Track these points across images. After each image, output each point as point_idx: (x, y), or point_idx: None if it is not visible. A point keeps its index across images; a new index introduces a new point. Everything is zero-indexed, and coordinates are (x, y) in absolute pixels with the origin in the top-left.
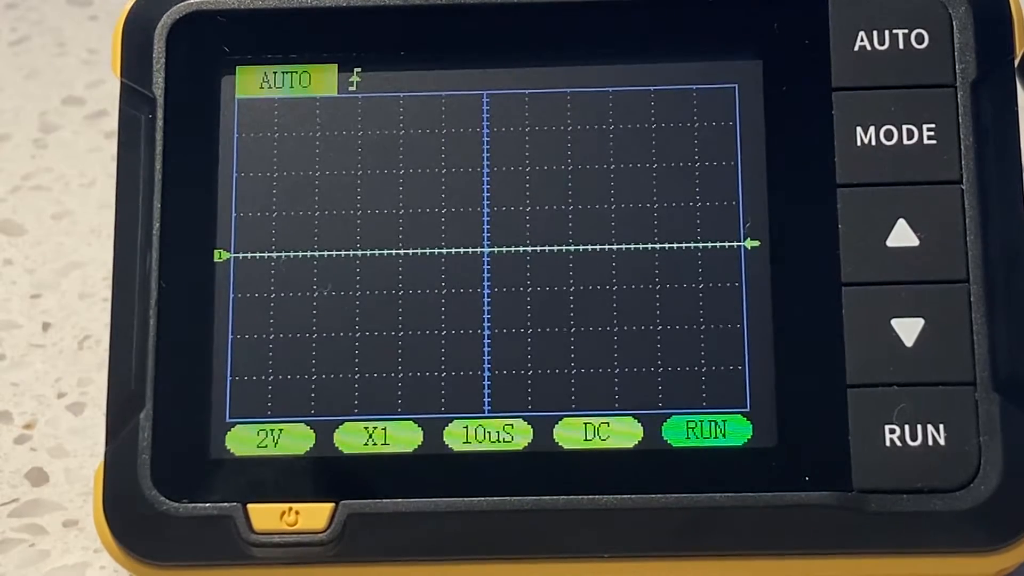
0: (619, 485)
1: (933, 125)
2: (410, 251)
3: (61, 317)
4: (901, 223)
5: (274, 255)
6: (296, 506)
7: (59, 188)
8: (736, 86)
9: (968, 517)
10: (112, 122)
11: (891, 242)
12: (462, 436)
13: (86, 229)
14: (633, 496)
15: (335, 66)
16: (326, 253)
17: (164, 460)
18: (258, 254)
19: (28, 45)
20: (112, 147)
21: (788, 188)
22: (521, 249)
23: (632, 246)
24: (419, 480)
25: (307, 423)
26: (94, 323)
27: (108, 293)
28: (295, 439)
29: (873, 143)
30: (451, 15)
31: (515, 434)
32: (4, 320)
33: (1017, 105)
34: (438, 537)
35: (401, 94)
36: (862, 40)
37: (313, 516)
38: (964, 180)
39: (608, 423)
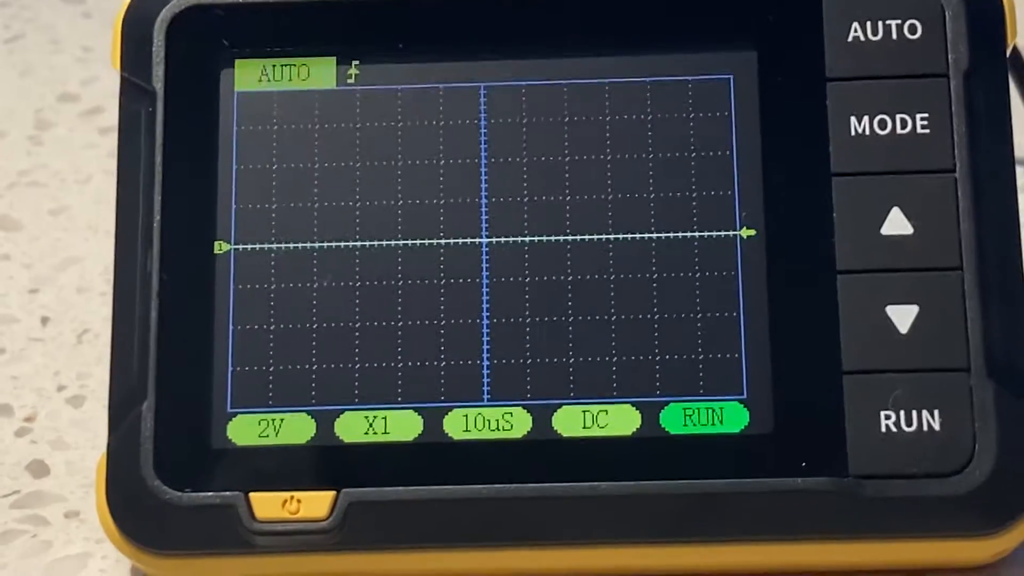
0: (617, 472)
1: (926, 114)
2: (409, 242)
3: (59, 311)
4: (895, 211)
5: (274, 246)
6: (298, 495)
7: (55, 184)
8: (731, 77)
9: (963, 502)
10: (107, 119)
11: (885, 230)
12: (462, 424)
13: (83, 224)
14: (631, 483)
15: (333, 59)
16: (326, 244)
17: (166, 450)
18: (258, 245)
19: (22, 43)
20: (107, 143)
21: (783, 177)
22: (519, 239)
23: (629, 236)
24: (419, 468)
25: (308, 412)
26: (92, 317)
27: (105, 288)
28: (296, 428)
29: (867, 132)
30: (448, 7)
31: (514, 422)
32: (3, 314)
33: (1009, 94)
34: (438, 524)
35: (399, 86)
36: (856, 31)
37: (315, 504)
38: (957, 168)
39: (606, 411)
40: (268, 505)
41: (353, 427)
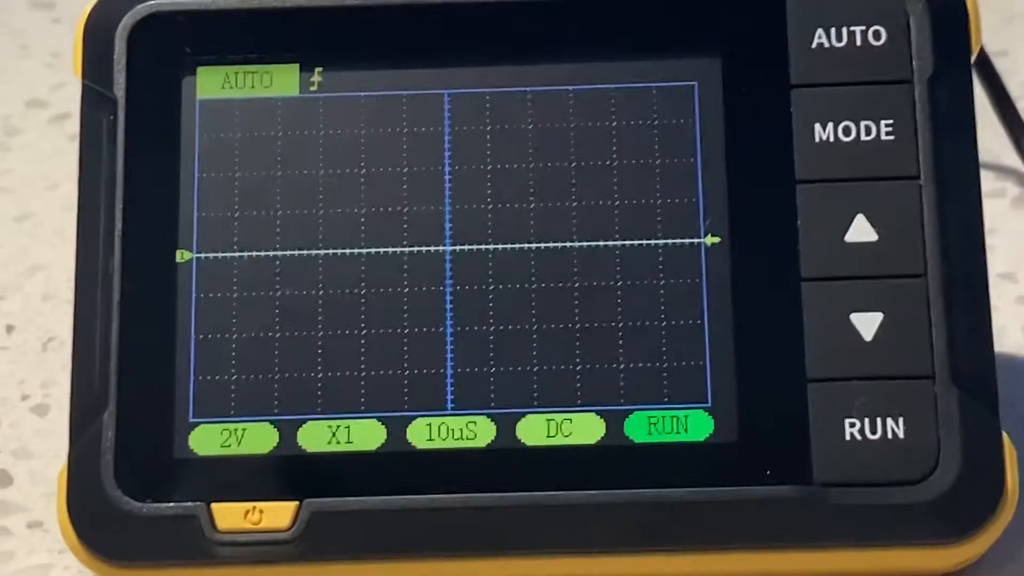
0: (581, 481)
1: (891, 121)
2: (372, 250)
3: (25, 319)
4: (860, 218)
5: (236, 255)
6: (260, 505)
7: (23, 190)
8: (695, 84)
9: (928, 510)
10: (76, 125)
11: (850, 237)
12: (425, 434)
13: (49, 231)
14: (595, 492)
15: (296, 66)
16: (288, 253)
17: (128, 460)
18: (220, 254)
19: None
20: (76, 150)
21: (748, 185)
22: (483, 247)
23: (593, 243)
24: (383, 478)
25: (271, 422)
26: (58, 325)
27: (72, 296)
28: (259, 438)
29: (831, 139)
30: (412, 14)
31: (478, 431)
32: None
33: (974, 101)
34: (402, 534)
35: (362, 94)
36: (820, 37)
37: (277, 515)
38: (921, 176)
39: (570, 419)
40: (230, 515)
41: (316, 436)
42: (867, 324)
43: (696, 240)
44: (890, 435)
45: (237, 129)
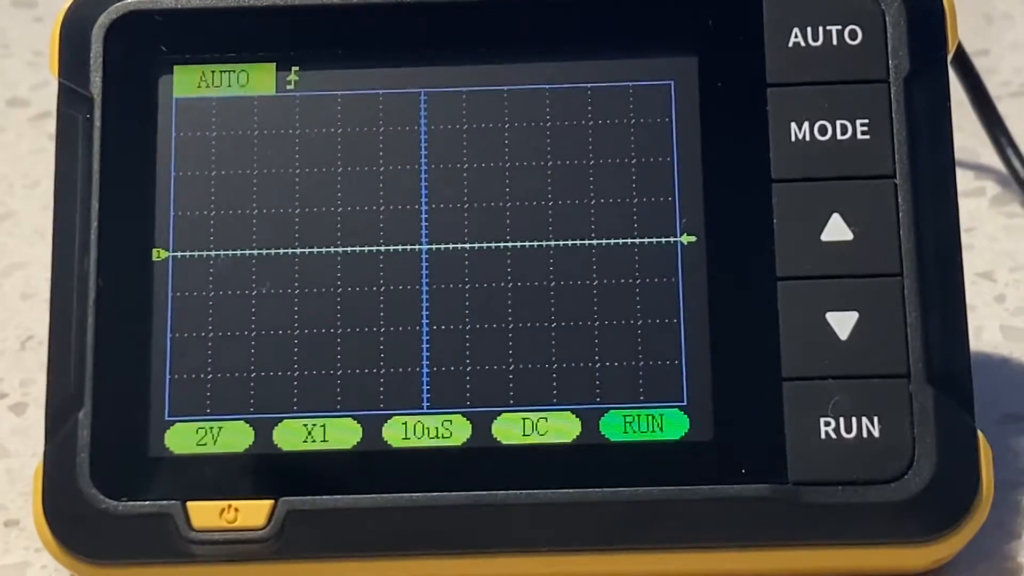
0: (557, 479)
1: (867, 120)
2: (348, 248)
3: (3, 318)
4: (835, 217)
5: (212, 254)
6: (235, 503)
7: (2, 189)
8: (672, 83)
9: (902, 508)
10: None
11: (826, 236)
12: (401, 432)
13: (29, 230)
14: (571, 490)
15: (273, 65)
16: (264, 251)
17: (103, 459)
18: (196, 253)
19: None
20: None
21: (724, 184)
22: (459, 246)
23: (569, 242)
24: (358, 477)
25: (246, 421)
26: (37, 323)
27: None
28: (234, 437)
29: (807, 139)
30: (389, 13)
31: (454, 430)
32: None
33: (950, 100)
34: (377, 533)
35: (339, 92)
36: (796, 36)
37: (252, 513)
38: (897, 175)
39: (546, 418)
40: (205, 514)
41: (291, 435)
42: (843, 323)
43: (672, 239)
44: (865, 434)
45: (213, 128)
